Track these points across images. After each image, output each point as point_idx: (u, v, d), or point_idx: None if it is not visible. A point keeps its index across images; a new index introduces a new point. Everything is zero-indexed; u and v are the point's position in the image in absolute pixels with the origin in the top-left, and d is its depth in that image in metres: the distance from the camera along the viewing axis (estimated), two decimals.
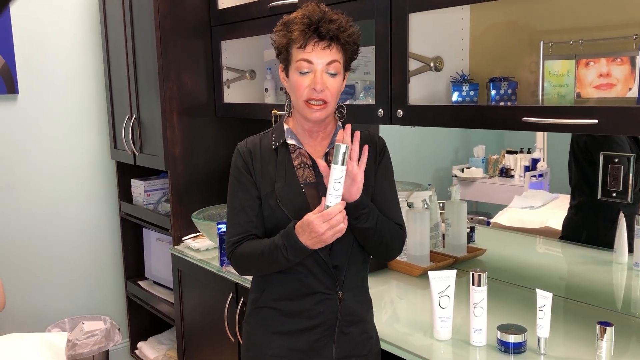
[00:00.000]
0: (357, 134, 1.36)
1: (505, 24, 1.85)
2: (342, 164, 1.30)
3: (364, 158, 1.36)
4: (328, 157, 1.46)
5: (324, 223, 1.29)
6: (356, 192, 1.35)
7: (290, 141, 1.46)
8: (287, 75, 1.43)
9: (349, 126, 1.37)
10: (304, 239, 1.33)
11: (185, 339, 2.68)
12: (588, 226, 2.10)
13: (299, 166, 1.46)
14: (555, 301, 1.45)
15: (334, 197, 1.31)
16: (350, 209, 1.36)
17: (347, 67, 1.44)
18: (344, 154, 1.30)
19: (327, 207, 1.31)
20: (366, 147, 1.37)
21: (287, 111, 1.51)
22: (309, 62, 1.36)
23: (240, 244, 1.45)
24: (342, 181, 1.31)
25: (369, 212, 1.39)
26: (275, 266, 1.41)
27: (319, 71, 1.37)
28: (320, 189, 1.43)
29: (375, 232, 1.41)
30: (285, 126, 1.49)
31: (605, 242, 1.99)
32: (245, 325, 1.56)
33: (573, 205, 2.10)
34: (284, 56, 1.41)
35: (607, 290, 1.91)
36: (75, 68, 3.06)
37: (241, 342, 1.58)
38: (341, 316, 1.46)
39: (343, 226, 1.32)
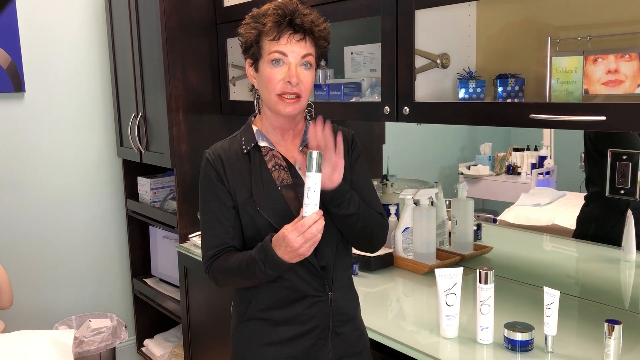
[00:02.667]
0: (328, 123, 1.33)
1: (513, 21, 1.84)
2: (317, 171, 1.25)
3: (340, 145, 1.32)
4: (302, 156, 1.43)
5: (299, 237, 1.24)
6: (337, 178, 1.31)
7: (262, 143, 1.41)
8: (256, 70, 1.39)
9: (319, 119, 1.32)
10: (281, 253, 1.27)
11: (192, 336, 2.69)
12: (598, 220, 2.09)
13: (273, 168, 1.41)
14: (562, 299, 1.44)
15: (311, 206, 1.25)
16: (332, 195, 1.32)
17: (317, 64, 1.41)
18: (317, 160, 1.25)
19: (304, 217, 1.25)
20: (340, 134, 1.33)
21: (256, 109, 1.45)
22: (283, 54, 1.33)
23: (217, 257, 1.40)
24: (317, 189, 1.25)
25: (350, 197, 1.36)
26: (254, 280, 1.36)
27: (293, 64, 1.33)
28: (298, 189, 1.40)
29: (359, 218, 1.38)
30: (254, 128, 1.44)
31: (615, 236, 1.99)
32: (233, 341, 1.49)
33: (585, 198, 2.09)
34: (254, 50, 1.37)
35: (614, 288, 1.90)
36: (81, 66, 3.07)
37: (231, 352, 1.52)
38: (333, 317, 1.43)
39: (319, 236, 1.26)
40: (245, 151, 1.42)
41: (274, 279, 1.38)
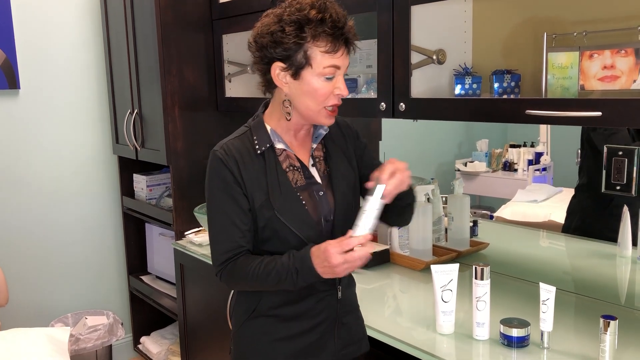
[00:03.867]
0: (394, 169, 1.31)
1: (508, 16, 1.84)
2: (377, 198, 1.27)
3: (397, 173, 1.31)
4: (314, 153, 1.43)
5: (340, 255, 1.23)
6: (407, 182, 1.33)
7: (279, 145, 1.38)
8: (295, 77, 1.31)
9: (387, 168, 1.29)
10: (316, 264, 1.26)
11: (188, 333, 2.69)
12: (582, 212, 2.09)
13: (287, 169, 1.38)
14: (558, 295, 1.44)
15: (361, 228, 1.26)
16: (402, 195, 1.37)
17: None
18: (379, 190, 1.28)
19: (350, 235, 1.26)
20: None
21: (286, 114, 1.37)
22: (338, 67, 1.30)
23: (233, 260, 1.36)
24: (372, 215, 1.26)
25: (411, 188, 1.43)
26: (277, 287, 1.33)
27: (342, 76, 1.32)
28: (312, 189, 1.40)
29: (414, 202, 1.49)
30: (268, 127, 1.39)
31: (598, 229, 2.00)
32: (239, 338, 1.48)
33: (575, 189, 2.10)
34: (297, 57, 1.28)
35: (610, 284, 1.91)
36: (76, 63, 3.06)
37: (235, 351, 1.52)
38: (340, 309, 1.45)
39: (359, 263, 1.25)
40: (259, 152, 1.36)
41: None
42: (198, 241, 2.53)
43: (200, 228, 2.65)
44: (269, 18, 1.33)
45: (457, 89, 1.80)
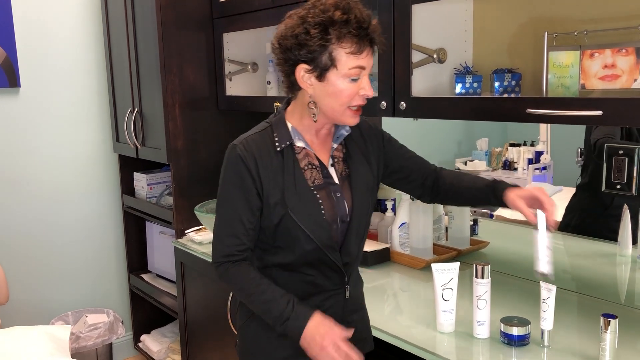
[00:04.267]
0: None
1: (509, 15, 1.84)
2: (546, 230, 1.36)
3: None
4: (333, 153, 1.44)
5: (337, 345, 1.30)
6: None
7: (299, 144, 1.38)
8: (320, 78, 1.30)
9: (544, 200, 1.35)
10: (310, 330, 1.32)
11: (189, 331, 2.69)
12: (581, 211, 2.10)
13: (305, 168, 1.39)
14: (559, 294, 1.45)
15: (545, 262, 1.36)
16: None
17: None
18: (544, 220, 1.37)
19: (541, 273, 1.36)
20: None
21: (313, 115, 1.36)
22: (363, 68, 1.29)
23: (236, 262, 1.38)
24: (551, 246, 1.36)
25: None
26: (261, 313, 1.39)
27: (367, 77, 1.31)
28: (329, 189, 1.40)
29: None
30: (289, 124, 1.39)
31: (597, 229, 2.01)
32: (245, 332, 1.50)
33: (576, 188, 2.10)
34: (321, 59, 1.27)
35: (610, 282, 1.91)
36: (77, 61, 3.06)
37: (240, 346, 1.54)
38: (346, 308, 1.46)
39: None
40: (278, 149, 1.36)
41: (295, 273, 1.40)
42: (198, 239, 2.53)
43: (200, 226, 2.65)
44: (292, 20, 1.31)
45: (458, 88, 1.80)
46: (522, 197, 1.38)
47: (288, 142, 1.37)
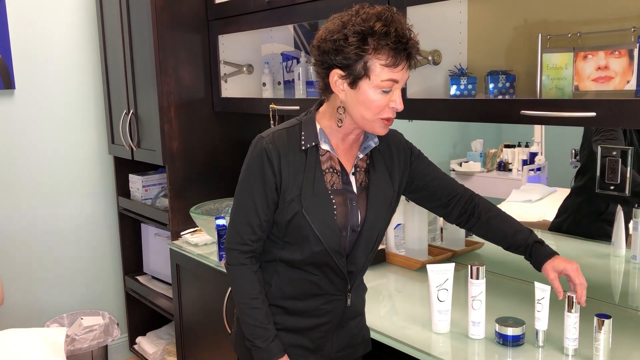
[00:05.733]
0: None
1: (503, 17, 1.85)
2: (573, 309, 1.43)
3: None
4: (357, 163, 1.44)
5: None
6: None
7: (324, 146, 1.38)
8: (353, 86, 1.30)
9: (577, 282, 1.42)
10: None
11: (184, 333, 2.69)
12: (576, 213, 2.10)
13: (326, 170, 1.39)
14: (553, 294, 1.45)
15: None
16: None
17: None
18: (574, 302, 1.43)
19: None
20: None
21: (338, 120, 1.37)
22: (396, 82, 1.29)
23: (246, 256, 1.41)
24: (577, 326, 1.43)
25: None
26: (242, 322, 1.43)
27: (399, 90, 1.30)
28: (347, 195, 1.40)
29: None
30: (318, 126, 1.40)
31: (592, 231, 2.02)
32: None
33: (571, 189, 2.11)
34: (356, 67, 1.27)
35: (604, 283, 1.92)
36: (72, 63, 3.05)
37: (235, 333, 1.55)
38: (346, 314, 1.47)
39: None
40: (303, 148, 1.37)
41: (300, 271, 1.41)
42: (194, 241, 2.53)
43: (196, 228, 2.65)
44: (333, 24, 1.31)
45: (453, 90, 1.81)
46: (556, 270, 1.44)
47: (314, 143, 1.38)
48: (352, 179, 1.43)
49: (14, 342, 2.17)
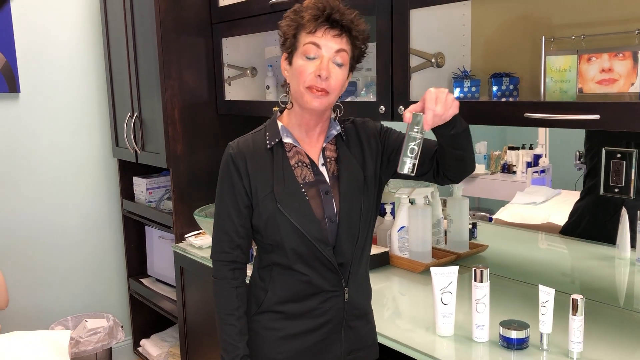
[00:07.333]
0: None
1: (507, 20, 1.85)
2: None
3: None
4: (325, 153, 1.44)
5: None
6: (453, 111, 1.29)
7: (286, 140, 1.41)
8: (290, 63, 1.37)
9: (427, 97, 1.27)
10: None
11: (188, 335, 2.69)
12: (589, 216, 2.09)
13: (296, 165, 1.41)
14: (557, 297, 1.45)
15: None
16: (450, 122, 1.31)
17: (352, 65, 1.40)
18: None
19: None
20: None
21: (288, 102, 1.42)
22: (317, 46, 1.31)
23: (231, 270, 1.45)
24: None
25: (459, 118, 1.33)
26: (218, 335, 1.46)
27: (325, 58, 1.32)
28: (320, 187, 1.41)
29: (469, 134, 1.38)
30: (279, 123, 1.44)
31: (605, 233, 2.00)
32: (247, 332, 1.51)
33: (581, 192, 2.10)
34: (290, 43, 1.36)
35: (609, 285, 1.91)
36: (76, 66, 3.06)
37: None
38: (347, 312, 1.45)
39: None
40: (268, 146, 1.41)
41: (291, 272, 1.41)
42: (198, 244, 2.54)
43: (200, 231, 2.65)
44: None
45: (456, 92, 1.81)
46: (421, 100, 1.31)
47: (277, 139, 1.41)
48: (323, 169, 1.43)
49: (19, 345, 2.18)
